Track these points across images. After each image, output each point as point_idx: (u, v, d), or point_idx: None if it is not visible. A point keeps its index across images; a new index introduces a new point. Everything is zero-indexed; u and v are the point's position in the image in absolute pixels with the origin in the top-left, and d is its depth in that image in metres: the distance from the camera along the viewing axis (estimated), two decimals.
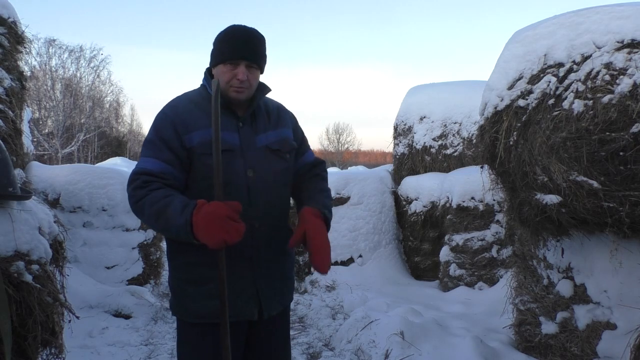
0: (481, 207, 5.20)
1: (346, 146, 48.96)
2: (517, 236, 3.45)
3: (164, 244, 5.41)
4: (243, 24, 1.80)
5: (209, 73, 1.85)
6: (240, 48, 1.74)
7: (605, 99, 2.37)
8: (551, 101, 2.55)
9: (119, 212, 5.24)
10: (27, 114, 5.17)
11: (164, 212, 1.58)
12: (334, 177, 6.27)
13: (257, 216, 1.75)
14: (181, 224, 1.55)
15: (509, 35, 2.91)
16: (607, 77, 2.38)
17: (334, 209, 6.20)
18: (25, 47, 4.27)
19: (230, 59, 1.73)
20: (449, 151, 6.19)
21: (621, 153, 2.37)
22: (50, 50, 26.46)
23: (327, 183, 2.00)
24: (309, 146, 2.06)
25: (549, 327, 3.08)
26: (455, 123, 6.16)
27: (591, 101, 2.41)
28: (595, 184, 2.46)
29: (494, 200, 5.02)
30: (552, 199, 2.63)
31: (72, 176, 5.23)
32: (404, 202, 6.29)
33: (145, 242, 5.36)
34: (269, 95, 1.93)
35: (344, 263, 5.97)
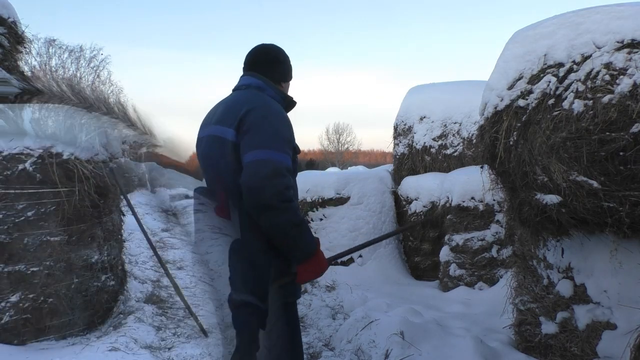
0: (481, 207, 5.20)
1: (346, 146, 48.96)
2: (517, 236, 3.45)
3: None
4: None
5: (276, 84, 2.11)
6: None
7: (605, 99, 2.37)
8: (551, 101, 2.55)
9: None
10: None
11: (304, 223, 1.86)
12: (334, 177, 6.27)
13: None
14: (311, 244, 1.88)
15: (509, 35, 2.91)
16: (607, 77, 2.38)
17: (335, 209, 6.23)
18: (25, 47, 4.27)
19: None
20: (449, 151, 6.19)
21: (621, 153, 2.37)
22: (50, 50, 26.33)
23: None
24: None
25: (549, 327, 3.08)
26: (455, 123, 6.16)
27: (591, 101, 2.41)
28: (595, 184, 2.46)
29: (494, 200, 5.02)
30: (552, 199, 2.63)
31: None
32: (404, 202, 6.29)
33: None
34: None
35: (344, 263, 5.97)
